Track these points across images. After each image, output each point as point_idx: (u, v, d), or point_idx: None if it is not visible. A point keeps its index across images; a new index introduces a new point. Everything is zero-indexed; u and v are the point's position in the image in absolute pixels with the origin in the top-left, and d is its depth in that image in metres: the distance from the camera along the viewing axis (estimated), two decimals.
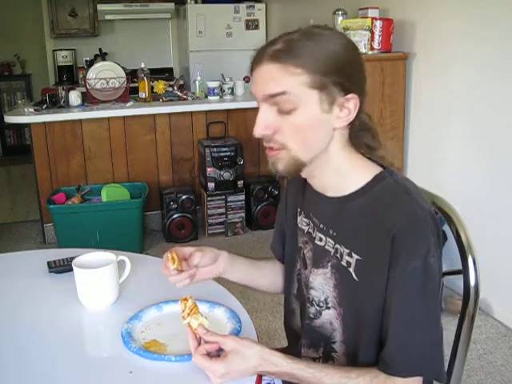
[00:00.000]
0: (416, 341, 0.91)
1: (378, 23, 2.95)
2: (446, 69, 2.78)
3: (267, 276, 1.25)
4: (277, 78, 0.91)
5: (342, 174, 1.00)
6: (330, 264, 1.03)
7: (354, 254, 0.97)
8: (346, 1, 3.41)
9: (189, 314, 0.96)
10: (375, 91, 2.96)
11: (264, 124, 0.94)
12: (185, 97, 3.89)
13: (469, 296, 1.06)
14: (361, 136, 1.02)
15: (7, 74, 6.32)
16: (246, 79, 4.87)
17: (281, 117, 0.93)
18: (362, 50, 2.92)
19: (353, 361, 1.01)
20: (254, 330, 1.08)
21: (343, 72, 0.92)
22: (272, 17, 5.28)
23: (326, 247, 1.03)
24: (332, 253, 1.02)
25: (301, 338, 1.14)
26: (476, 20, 2.55)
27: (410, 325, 0.91)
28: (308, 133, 0.94)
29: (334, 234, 1.02)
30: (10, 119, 3.51)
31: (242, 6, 5.24)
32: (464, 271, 1.07)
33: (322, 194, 1.03)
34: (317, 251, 1.06)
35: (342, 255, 0.99)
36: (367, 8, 3.06)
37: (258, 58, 0.94)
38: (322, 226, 1.05)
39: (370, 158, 1.02)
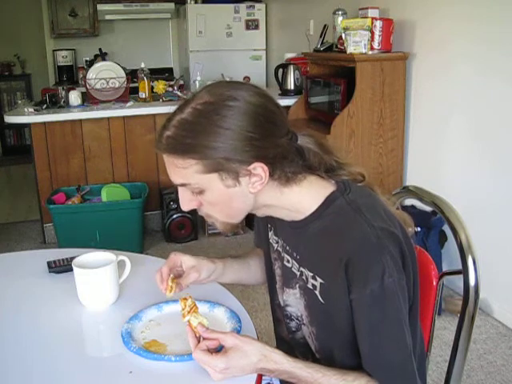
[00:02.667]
0: (384, 362, 0.93)
1: (378, 23, 2.95)
2: (446, 69, 2.78)
3: (256, 273, 1.25)
4: (174, 170, 0.93)
5: (291, 207, 0.99)
6: (297, 285, 1.04)
7: (317, 278, 0.98)
8: (346, 1, 3.41)
9: (189, 312, 0.96)
10: (375, 91, 2.95)
11: (185, 202, 0.97)
12: (185, 97, 3.87)
13: (469, 296, 1.06)
14: (309, 164, 0.98)
15: (7, 74, 6.31)
16: (247, 79, 4.87)
17: (197, 195, 0.95)
18: (362, 50, 2.92)
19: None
20: (254, 330, 1.08)
21: (238, 149, 0.89)
22: (272, 17, 5.28)
23: (293, 269, 1.04)
24: (298, 275, 1.03)
25: (290, 346, 1.14)
26: (476, 20, 2.55)
27: (377, 347, 0.93)
28: (224, 206, 0.96)
29: (298, 257, 1.03)
30: (10, 119, 3.51)
31: (242, 6, 5.24)
32: (464, 271, 1.07)
33: (282, 219, 1.03)
34: (286, 272, 1.07)
35: (307, 278, 1.00)
36: (367, 8, 3.06)
37: (157, 144, 0.94)
38: (288, 248, 1.06)
39: (324, 176, 0.99)
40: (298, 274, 1.02)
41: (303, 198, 0.98)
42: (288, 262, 1.06)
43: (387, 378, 0.93)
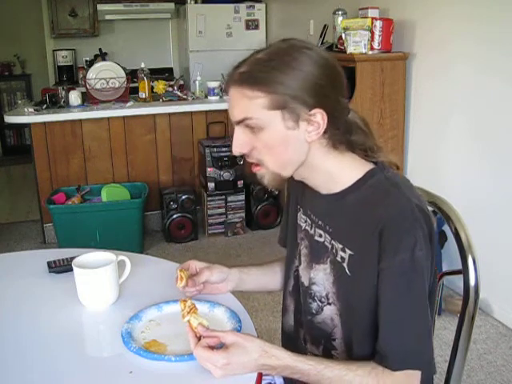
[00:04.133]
0: (403, 335, 0.92)
1: (378, 23, 2.95)
2: (446, 69, 2.78)
3: (281, 279, 1.28)
4: (239, 103, 0.96)
5: (331, 174, 1.02)
6: (329, 260, 1.04)
7: (347, 250, 0.99)
8: (346, 1, 3.41)
9: (188, 313, 0.96)
10: (375, 91, 2.95)
11: (239, 144, 0.99)
12: (185, 97, 3.89)
13: (469, 296, 1.06)
14: (354, 139, 1.02)
15: (7, 74, 6.32)
16: None
17: (253, 136, 0.97)
18: (362, 50, 2.92)
19: (350, 358, 1.02)
20: (254, 330, 1.08)
21: (305, 90, 0.93)
22: (272, 17, 5.28)
23: (325, 243, 1.05)
24: (329, 248, 1.04)
25: (293, 335, 1.15)
26: (476, 20, 2.55)
27: (397, 319, 0.93)
28: (279, 149, 0.98)
29: (330, 230, 1.04)
30: (10, 119, 3.51)
31: (242, 6, 5.24)
32: (464, 271, 1.07)
33: (317, 191, 1.05)
34: (317, 247, 1.08)
35: (337, 251, 1.01)
36: (367, 8, 3.06)
37: (227, 82, 0.99)
38: (320, 222, 1.07)
39: (364, 156, 1.03)
40: (330, 247, 1.04)
41: (344, 168, 1.01)
42: (320, 236, 1.07)
43: (403, 352, 0.92)
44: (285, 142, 0.96)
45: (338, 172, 1.01)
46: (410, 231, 0.91)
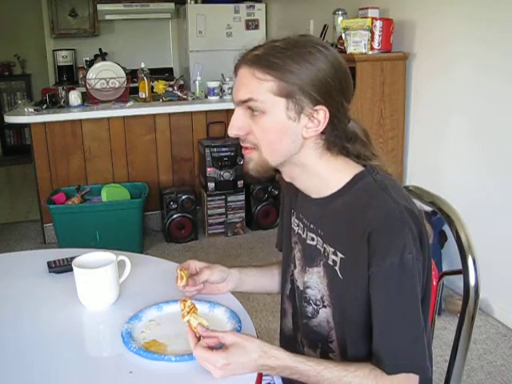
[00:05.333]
0: (396, 338, 0.92)
1: (378, 23, 2.95)
2: (446, 69, 2.78)
3: (278, 281, 1.28)
4: (247, 84, 0.96)
5: (321, 177, 1.02)
6: (322, 263, 1.04)
7: (338, 253, 0.99)
8: (346, 1, 3.41)
9: (188, 313, 0.96)
10: (375, 91, 2.96)
11: (237, 126, 0.99)
12: (185, 97, 3.89)
13: (469, 296, 1.06)
14: (350, 146, 1.02)
15: (7, 74, 6.32)
16: None
17: (252, 120, 0.98)
18: (362, 50, 2.92)
19: (346, 359, 1.02)
20: (254, 330, 1.08)
21: (314, 85, 0.94)
22: (272, 17, 5.28)
23: (318, 246, 1.05)
24: (322, 252, 1.04)
25: (292, 339, 1.15)
26: (476, 20, 2.55)
27: (390, 322, 0.93)
28: (274, 137, 0.98)
29: (322, 233, 1.04)
30: (10, 119, 3.51)
31: (242, 6, 5.24)
32: (464, 271, 1.07)
33: (308, 195, 1.06)
34: (309, 251, 1.08)
35: (328, 254, 1.02)
36: (367, 8, 3.06)
37: (239, 61, 0.99)
38: (312, 226, 1.07)
39: (355, 159, 1.03)
40: (322, 250, 1.04)
41: (335, 172, 1.01)
42: (312, 239, 1.07)
43: (396, 356, 0.92)
44: (282, 132, 0.97)
45: (328, 176, 1.02)
46: (398, 234, 0.91)
